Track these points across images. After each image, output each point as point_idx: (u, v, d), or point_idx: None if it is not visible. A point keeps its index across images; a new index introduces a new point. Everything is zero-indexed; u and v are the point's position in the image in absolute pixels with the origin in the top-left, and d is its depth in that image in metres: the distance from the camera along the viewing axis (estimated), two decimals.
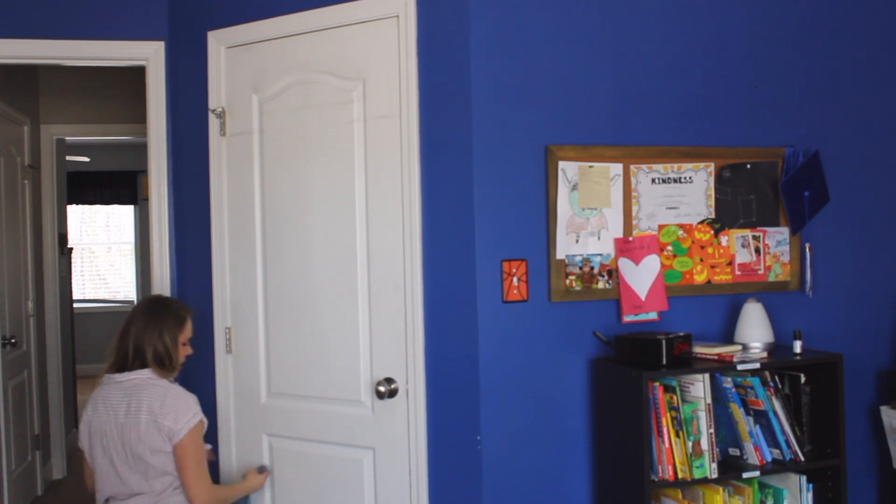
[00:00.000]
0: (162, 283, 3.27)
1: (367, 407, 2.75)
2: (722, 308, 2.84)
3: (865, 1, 2.99)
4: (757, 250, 2.85)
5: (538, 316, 2.63)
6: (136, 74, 3.45)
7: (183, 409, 2.59)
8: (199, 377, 3.11)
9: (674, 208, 2.78)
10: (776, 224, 2.87)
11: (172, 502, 2.60)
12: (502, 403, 2.59)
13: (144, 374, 2.63)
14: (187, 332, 2.77)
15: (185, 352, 2.77)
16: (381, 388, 2.66)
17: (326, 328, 2.82)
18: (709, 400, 2.51)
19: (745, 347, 2.68)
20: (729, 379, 2.60)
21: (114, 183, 9.59)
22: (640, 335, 2.58)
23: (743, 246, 2.84)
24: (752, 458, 2.59)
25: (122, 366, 2.67)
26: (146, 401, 2.58)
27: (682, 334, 2.57)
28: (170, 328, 2.70)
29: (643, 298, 2.72)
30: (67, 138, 5.79)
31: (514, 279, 2.60)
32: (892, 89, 3.02)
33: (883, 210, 3.01)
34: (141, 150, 3.26)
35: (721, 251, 2.82)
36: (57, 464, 5.45)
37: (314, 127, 2.83)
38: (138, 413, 2.57)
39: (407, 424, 2.67)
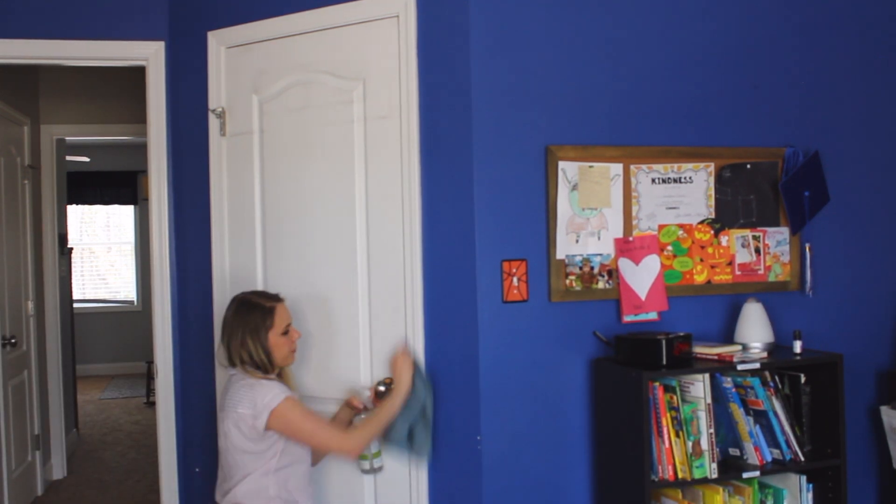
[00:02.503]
0: (162, 283, 3.27)
1: (368, 407, 2.75)
2: (722, 308, 2.84)
3: (865, 1, 2.99)
4: (757, 250, 2.85)
5: (538, 316, 2.63)
6: (136, 74, 3.45)
7: (261, 394, 2.44)
8: (199, 380, 3.11)
9: (674, 208, 2.78)
10: (776, 224, 2.87)
11: (243, 490, 2.48)
12: (502, 403, 2.59)
13: (235, 370, 2.53)
14: (281, 321, 2.54)
15: (287, 342, 2.56)
16: (382, 388, 2.66)
17: (326, 328, 2.82)
18: (709, 400, 2.51)
19: (745, 347, 2.68)
20: (729, 379, 2.60)
21: (114, 183, 9.59)
22: (640, 335, 2.58)
23: (743, 246, 2.84)
24: (752, 458, 2.59)
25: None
26: (230, 396, 2.49)
27: (682, 334, 2.57)
28: (253, 329, 2.51)
29: (643, 298, 2.72)
30: (67, 138, 5.79)
31: (514, 279, 2.60)
32: (892, 89, 3.02)
33: (883, 210, 3.01)
34: (141, 150, 3.27)
35: (721, 251, 2.82)
36: (57, 464, 5.45)
37: (314, 127, 2.83)
38: (230, 405, 2.48)
39: None
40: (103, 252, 10.04)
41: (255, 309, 2.53)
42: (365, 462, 2.62)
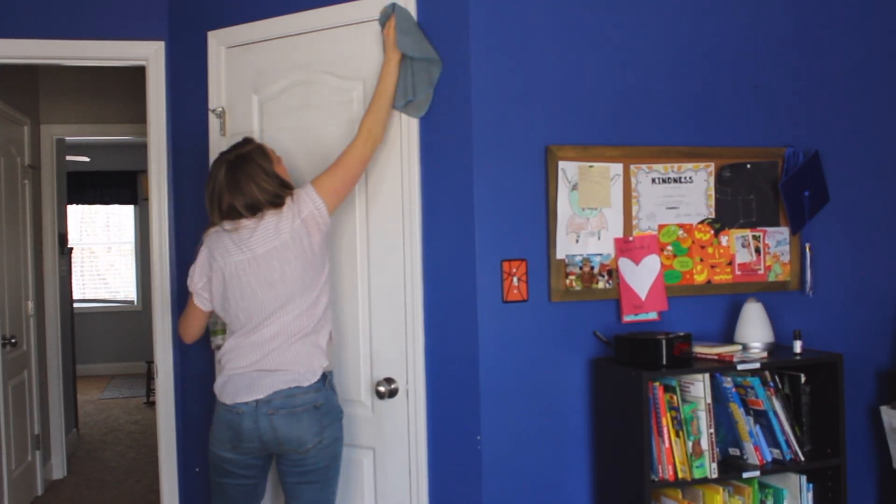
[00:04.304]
0: (162, 283, 3.27)
1: (367, 407, 2.75)
2: (722, 308, 2.84)
3: (865, 1, 2.99)
4: (757, 250, 2.85)
5: (538, 316, 2.64)
6: (136, 74, 3.45)
7: (298, 193, 2.52)
8: (199, 380, 3.11)
9: (674, 208, 2.78)
10: (776, 224, 2.87)
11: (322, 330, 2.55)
12: (502, 403, 2.59)
13: (266, 212, 2.51)
14: (272, 151, 2.61)
15: (283, 167, 2.63)
16: (381, 388, 2.66)
17: None
18: (709, 400, 2.51)
19: (745, 347, 2.68)
20: (729, 379, 2.60)
21: (114, 183, 9.60)
22: (640, 335, 2.58)
23: (743, 246, 2.84)
24: (752, 458, 2.59)
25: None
26: (279, 222, 2.48)
27: (682, 334, 2.57)
28: (264, 169, 2.53)
29: (643, 298, 2.72)
30: (67, 138, 5.80)
31: (515, 279, 2.60)
32: (892, 89, 3.02)
33: (883, 210, 3.01)
34: (141, 150, 3.27)
35: (721, 251, 2.82)
36: (57, 464, 5.45)
37: (314, 127, 2.83)
38: (278, 236, 2.48)
39: (407, 424, 2.67)
40: (103, 252, 10.05)
41: (252, 155, 2.55)
42: (217, 338, 2.76)
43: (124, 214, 9.94)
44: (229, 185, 2.51)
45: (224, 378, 2.55)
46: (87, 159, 8.32)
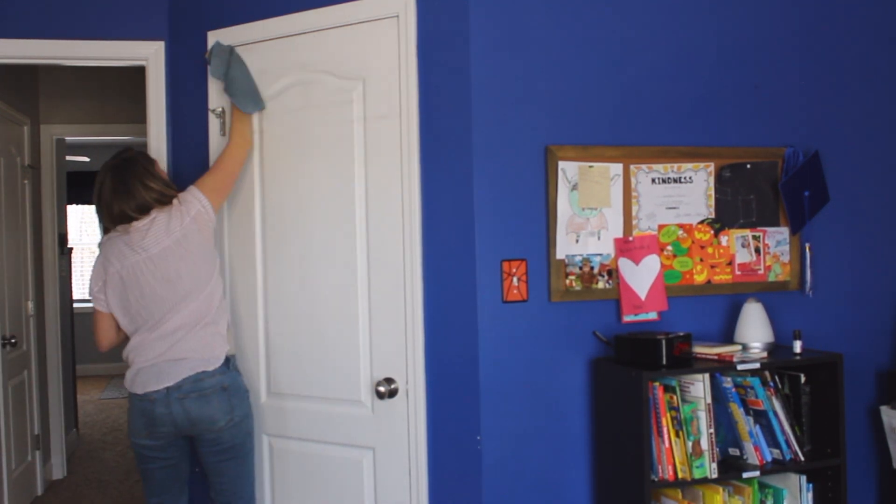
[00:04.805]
0: None
1: (367, 407, 2.75)
2: (722, 308, 2.84)
3: (865, 1, 2.99)
4: (757, 250, 2.85)
5: (538, 316, 2.64)
6: (136, 74, 3.45)
7: (183, 195, 2.76)
8: None
9: (674, 208, 2.78)
10: (776, 224, 2.87)
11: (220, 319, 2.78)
12: (502, 403, 2.59)
13: (154, 213, 2.72)
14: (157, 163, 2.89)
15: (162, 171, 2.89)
16: (381, 388, 2.66)
17: (326, 328, 2.82)
18: (709, 400, 2.51)
19: (745, 347, 2.68)
20: (729, 379, 2.60)
21: None
22: (640, 335, 2.58)
23: (743, 246, 2.84)
24: (752, 458, 2.59)
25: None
26: (169, 221, 2.70)
27: (682, 334, 2.57)
28: (148, 171, 2.77)
29: (643, 298, 2.72)
30: (67, 138, 5.79)
31: (514, 279, 2.60)
32: (892, 89, 3.02)
33: (883, 210, 3.01)
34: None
35: (721, 251, 2.82)
36: (57, 464, 5.45)
37: (314, 127, 2.83)
38: (169, 235, 2.69)
39: (407, 424, 2.67)
40: None
41: (136, 158, 2.79)
42: None
43: None
44: (117, 188, 2.71)
45: (133, 371, 2.73)
46: (87, 159, 8.32)
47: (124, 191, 2.70)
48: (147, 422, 2.69)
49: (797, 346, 2.67)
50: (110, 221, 2.74)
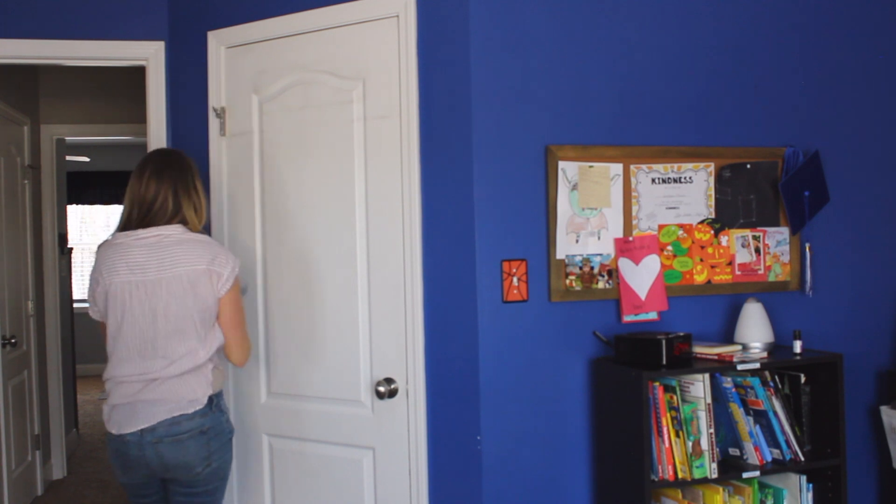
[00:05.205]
0: None
1: (367, 407, 2.75)
2: (722, 308, 2.84)
3: (865, 1, 2.99)
4: (757, 250, 2.85)
5: (538, 316, 2.64)
6: (136, 74, 3.45)
7: (229, 259, 2.51)
8: None
9: (674, 208, 2.78)
10: (776, 224, 2.87)
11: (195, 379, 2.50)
12: (502, 403, 2.59)
13: (175, 230, 2.48)
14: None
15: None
16: (381, 388, 2.66)
17: (326, 328, 2.82)
18: (709, 400, 2.51)
19: (745, 347, 2.68)
20: (729, 379, 2.60)
21: (114, 183, 9.59)
22: (640, 335, 2.58)
23: (743, 246, 2.84)
24: (752, 458, 2.59)
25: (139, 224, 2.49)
26: (185, 254, 2.44)
27: (682, 334, 2.57)
28: (194, 181, 2.55)
29: (643, 298, 2.72)
30: (67, 138, 5.79)
31: (514, 279, 2.60)
32: (893, 89, 3.02)
33: (883, 210, 3.01)
34: (141, 150, 3.26)
35: (721, 251, 2.82)
36: (57, 464, 5.45)
37: (314, 127, 2.83)
38: (174, 267, 2.43)
39: (407, 424, 2.67)
40: None
41: (192, 164, 2.59)
42: None
43: None
44: (170, 175, 2.51)
45: (109, 407, 2.59)
46: (87, 159, 8.32)
47: (175, 180, 2.50)
48: (122, 463, 2.55)
49: (797, 346, 2.67)
50: (127, 216, 2.50)
